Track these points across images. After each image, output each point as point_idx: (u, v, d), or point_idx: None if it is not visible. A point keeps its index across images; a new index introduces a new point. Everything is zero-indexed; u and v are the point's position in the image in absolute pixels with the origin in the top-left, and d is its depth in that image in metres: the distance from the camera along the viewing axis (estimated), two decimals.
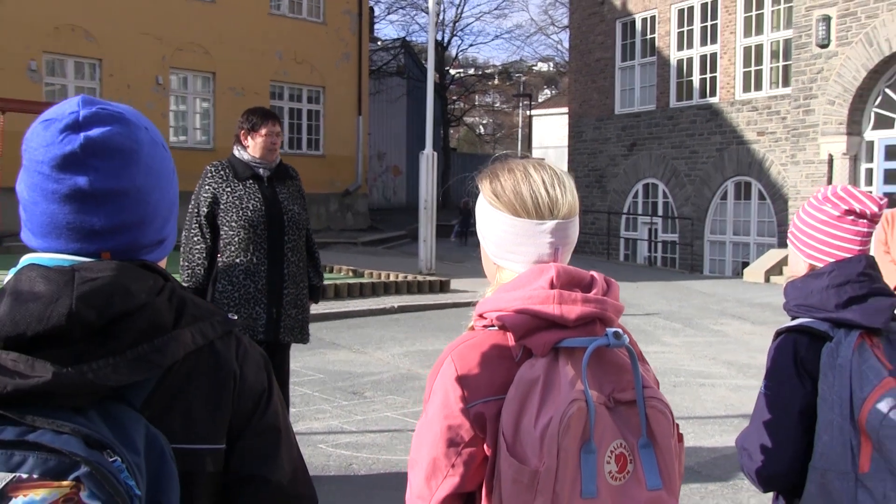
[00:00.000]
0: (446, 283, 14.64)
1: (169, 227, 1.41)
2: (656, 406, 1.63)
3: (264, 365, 1.45)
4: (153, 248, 1.38)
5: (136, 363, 1.22)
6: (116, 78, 21.25)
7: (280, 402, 1.46)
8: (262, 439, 1.39)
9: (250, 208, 4.98)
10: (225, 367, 1.36)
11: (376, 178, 34.93)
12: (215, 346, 1.36)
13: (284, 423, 1.45)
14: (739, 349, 10.49)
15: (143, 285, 1.27)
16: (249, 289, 4.96)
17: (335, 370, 8.67)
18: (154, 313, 1.26)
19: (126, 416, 1.22)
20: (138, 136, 1.32)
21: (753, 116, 21.40)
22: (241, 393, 1.38)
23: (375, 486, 5.39)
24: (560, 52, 50.02)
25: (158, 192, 1.35)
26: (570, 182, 1.81)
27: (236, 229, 4.97)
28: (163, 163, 1.38)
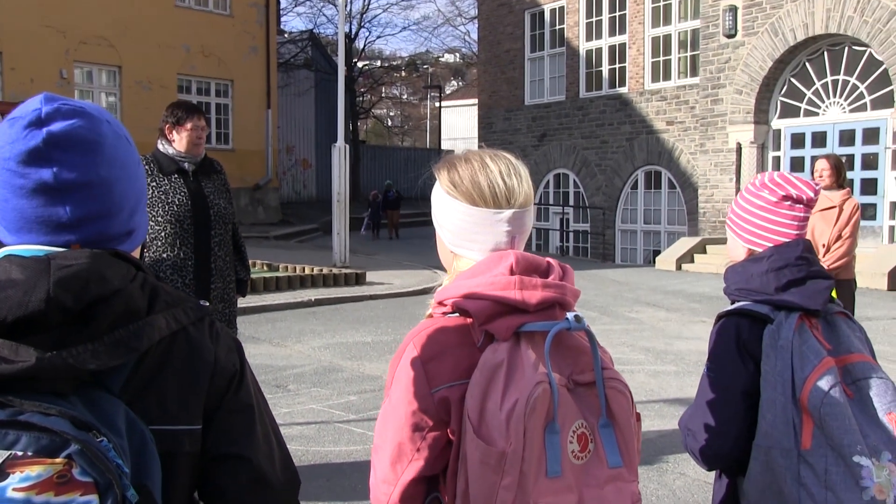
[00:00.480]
0: (362, 275, 14.63)
1: (137, 219, 1.44)
2: (615, 387, 1.68)
3: (236, 347, 1.49)
4: (123, 239, 1.41)
5: (114, 348, 1.26)
6: (18, 72, 20.74)
7: (253, 383, 1.50)
8: (237, 418, 1.43)
9: (176, 203, 4.93)
10: (199, 351, 1.40)
11: (286, 171, 34.60)
12: (188, 331, 1.40)
13: (259, 402, 1.49)
14: (655, 336, 10.73)
15: (116, 272, 1.30)
16: (177, 284, 4.92)
17: (257, 364, 8.59)
18: (129, 299, 1.30)
19: (106, 401, 1.26)
20: (100, 129, 1.35)
21: (663, 106, 21.85)
22: (215, 373, 1.41)
23: (307, 477, 5.32)
24: (468, 43, 50.34)
25: (123, 183, 1.38)
26: (526, 172, 1.85)
27: (163, 224, 4.91)
28: (127, 155, 1.40)
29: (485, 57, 27.64)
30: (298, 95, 35.33)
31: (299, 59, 36.26)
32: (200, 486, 1.43)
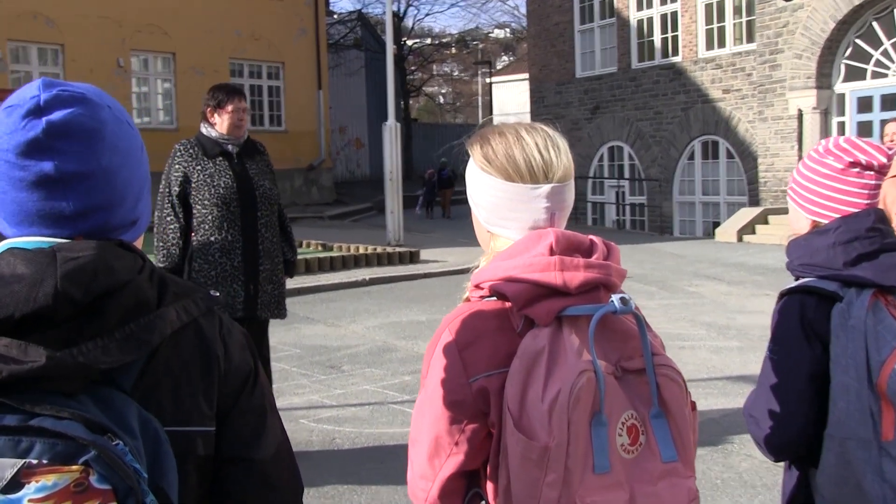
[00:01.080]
0: (416, 253, 14.58)
1: (141, 207, 1.37)
2: (667, 374, 1.57)
3: (247, 343, 1.42)
4: (127, 229, 1.34)
5: (126, 343, 1.19)
6: (79, 63, 21.10)
7: (265, 381, 1.43)
8: (249, 420, 1.37)
9: (222, 185, 4.95)
10: (211, 346, 1.33)
11: (339, 151, 34.70)
12: (199, 323, 1.33)
13: (270, 403, 1.43)
14: (717, 310, 10.51)
15: (124, 263, 1.24)
16: (226, 266, 4.95)
17: (311, 345, 8.61)
18: (139, 291, 1.24)
19: (118, 400, 1.20)
20: (101, 116, 1.29)
21: (718, 74, 21.39)
22: (228, 373, 1.35)
23: (361, 459, 5.34)
24: (517, 17, 49.92)
25: (127, 171, 1.32)
26: (565, 144, 1.74)
27: (209, 207, 4.94)
28: (130, 141, 1.34)
29: (534, 31, 27.33)
30: (349, 76, 35.38)
31: (349, 40, 36.28)
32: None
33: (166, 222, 5.01)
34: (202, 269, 4.94)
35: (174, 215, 5.00)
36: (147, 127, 22.36)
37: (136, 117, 22.71)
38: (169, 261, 5.00)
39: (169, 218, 5.00)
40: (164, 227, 5.02)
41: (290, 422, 6.06)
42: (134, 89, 22.71)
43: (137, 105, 22.88)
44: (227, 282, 4.94)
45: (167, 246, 5.01)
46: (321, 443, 5.69)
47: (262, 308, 5.06)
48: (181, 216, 5.00)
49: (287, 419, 6.07)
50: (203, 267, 4.94)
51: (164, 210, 5.03)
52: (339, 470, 5.19)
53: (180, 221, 5.00)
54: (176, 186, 4.99)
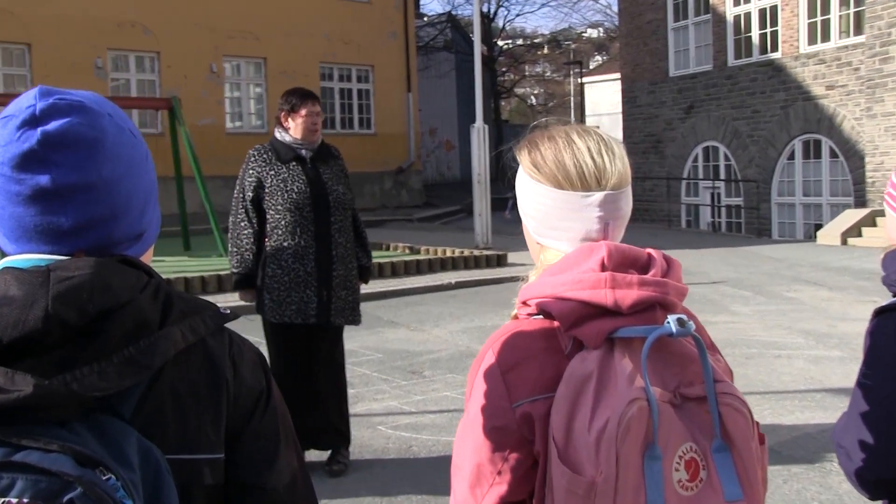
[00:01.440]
0: (503, 256, 14.43)
1: (147, 219, 1.31)
2: (731, 403, 1.40)
3: (261, 363, 1.35)
4: (131, 243, 1.28)
5: (124, 367, 1.12)
6: (173, 69, 21.70)
7: (280, 403, 1.35)
8: (261, 445, 1.29)
9: (295, 190, 4.95)
10: (219, 367, 1.27)
11: (429, 153, 34.78)
12: (207, 343, 1.26)
13: (285, 427, 1.35)
14: (817, 317, 10.08)
15: (124, 281, 1.17)
16: (299, 272, 4.94)
17: (393, 349, 8.54)
18: (139, 311, 1.16)
19: (116, 429, 1.12)
20: (101, 124, 1.22)
21: (821, 70, 20.65)
22: (238, 395, 1.28)
23: (436, 468, 5.22)
24: (609, 16, 49.37)
25: (129, 182, 1.25)
26: (620, 149, 1.60)
27: (282, 212, 4.95)
28: (132, 150, 1.27)
29: (626, 29, 26.90)
30: (439, 78, 35.44)
31: (439, 42, 36.34)
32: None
33: (240, 228, 5.05)
34: (275, 274, 4.94)
35: (248, 220, 5.03)
36: (239, 131, 22.88)
37: (229, 122, 23.16)
38: (243, 266, 5.05)
39: (243, 223, 5.04)
40: (238, 232, 5.05)
41: (367, 428, 6.00)
42: (226, 94, 23.15)
43: (230, 110, 23.33)
44: (300, 288, 4.92)
45: (241, 251, 5.04)
46: (397, 450, 5.59)
47: (336, 314, 5.02)
48: (255, 221, 5.03)
49: (364, 426, 6.01)
50: (276, 272, 4.94)
51: (238, 215, 5.07)
52: (414, 479, 5.08)
53: (254, 227, 5.03)
54: (250, 192, 5.02)
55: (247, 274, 5.05)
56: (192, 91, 21.54)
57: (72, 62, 19.86)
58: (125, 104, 16.53)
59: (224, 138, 22.07)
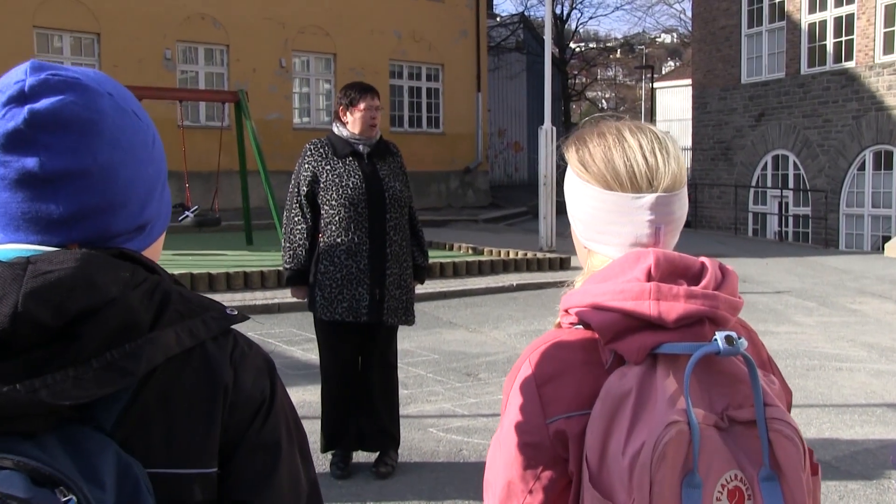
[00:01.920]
0: (566, 260, 14.29)
1: (151, 210, 1.19)
2: (781, 430, 1.29)
3: (267, 370, 1.22)
4: (131, 236, 1.16)
5: (104, 373, 1.01)
6: (242, 63, 21.76)
7: (286, 414, 1.22)
8: (258, 458, 1.16)
9: (350, 186, 4.87)
10: (217, 373, 1.14)
11: (497, 154, 34.61)
12: (206, 347, 1.14)
13: (289, 439, 1.21)
14: (881, 331, 9.81)
15: (112, 277, 1.05)
16: (352, 269, 4.86)
17: (450, 350, 8.49)
18: (126, 311, 1.05)
19: (91, 442, 1.01)
20: (98, 105, 1.11)
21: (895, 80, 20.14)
22: (236, 403, 1.15)
23: (482, 473, 5.16)
24: (683, 21, 48.75)
25: (130, 169, 1.14)
26: (675, 148, 1.51)
27: (336, 208, 4.88)
28: (135, 134, 1.16)
29: (699, 34, 26.51)
30: (510, 78, 35.25)
31: (510, 42, 36.12)
32: None
33: (294, 223, 5.00)
34: (328, 271, 4.88)
35: (301, 216, 4.97)
36: (307, 127, 22.90)
37: (297, 117, 23.19)
38: (295, 262, 4.99)
39: (297, 218, 4.99)
40: (292, 227, 5.00)
41: (418, 430, 5.96)
42: (295, 90, 23.20)
43: (298, 105, 23.39)
44: (352, 285, 4.86)
45: (293, 247, 4.99)
46: (447, 454, 5.54)
47: (389, 313, 4.94)
48: (309, 217, 4.97)
49: (416, 427, 5.98)
50: (329, 269, 4.88)
51: (293, 210, 5.01)
52: (462, 483, 5.02)
53: (307, 222, 4.97)
54: (304, 186, 4.96)
55: (298, 270, 4.99)
56: (261, 85, 21.67)
57: (141, 53, 20.04)
58: (192, 96, 16.76)
59: (290, 133, 22.14)
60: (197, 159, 17.61)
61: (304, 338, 8.56)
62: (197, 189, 16.70)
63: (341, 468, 5.03)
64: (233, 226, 16.51)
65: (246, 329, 8.99)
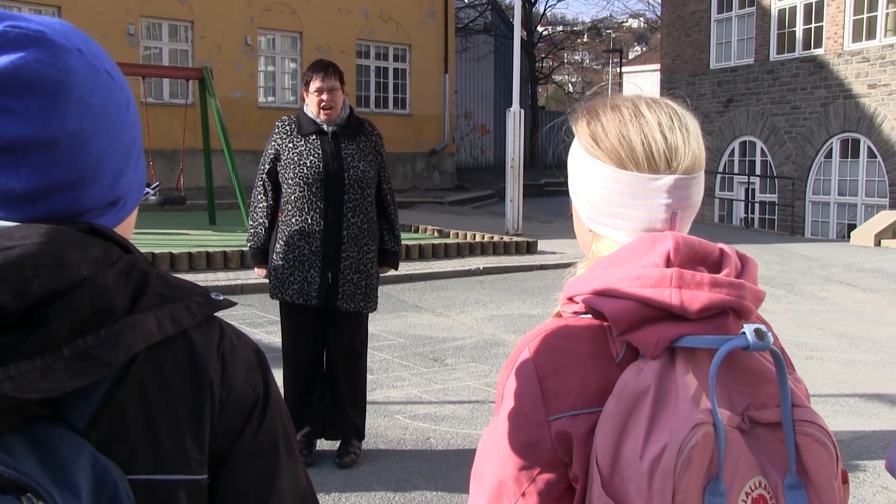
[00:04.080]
0: (533, 243, 14.18)
1: (125, 183, 1.04)
2: (811, 433, 1.16)
3: (258, 363, 1.08)
4: (103, 211, 1.02)
5: (76, 363, 0.87)
6: (207, 40, 21.38)
7: (281, 412, 1.08)
8: (255, 464, 1.03)
9: (307, 164, 4.73)
10: (203, 366, 1.00)
11: (463, 136, 34.49)
12: (190, 336, 1.01)
13: (286, 441, 1.08)
14: (850, 319, 9.80)
15: (83, 255, 0.91)
16: (304, 250, 4.74)
17: (416, 334, 8.33)
18: (100, 293, 0.91)
19: (62, 443, 0.87)
20: (67, 63, 0.95)
21: (864, 68, 20.18)
22: (227, 401, 1.02)
23: (454, 463, 5.02)
24: (652, 6, 48.92)
25: (103, 138, 0.99)
26: (696, 126, 1.36)
27: (293, 187, 4.77)
28: (108, 97, 1.00)
29: (668, 19, 26.48)
30: (477, 60, 35.13)
31: (478, 24, 35.99)
32: None
33: (257, 201, 4.92)
34: (282, 251, 4.77)
35: (264, 194, 4.88)
36: (272, 106, 22.62)
37: (262, 96, 22.88)
38: (255, 240, 4.92)
39: (259, 196, 4.90)
40: (255, 206, 4.92)
41: (384, 417, 5.80)
42: (260, 68, 22.86)
43: (264, 84, 23.05)
44: (303, 267, 4.73)
45: (255, 225, 4.91)
46: (414, 441, 5.39)
47: (345, 298, 4.77)
48: (270, 196, 4.87)
49: (382, 414, 5.82)
50: (283, 250, 4.77)
51: (257, 188, 4.92)
52: (429, 473, 4.87)
53: (269, 201, 4.87)
54: (268, 164, 4.85)
55: (259, 248, 4.90)
56: (226, 63, 21.33)
57: (103, 27, 19.55)
58: (156, 73, 16.40)
59: (256, 112, 21.85)
60: (161, 137, 17.27)
61: (268, 320, 8.36)
62: (161, 167, 16.41)
63: (305, 454, 4.87)
64: (196, 205, 16.23)
65: None
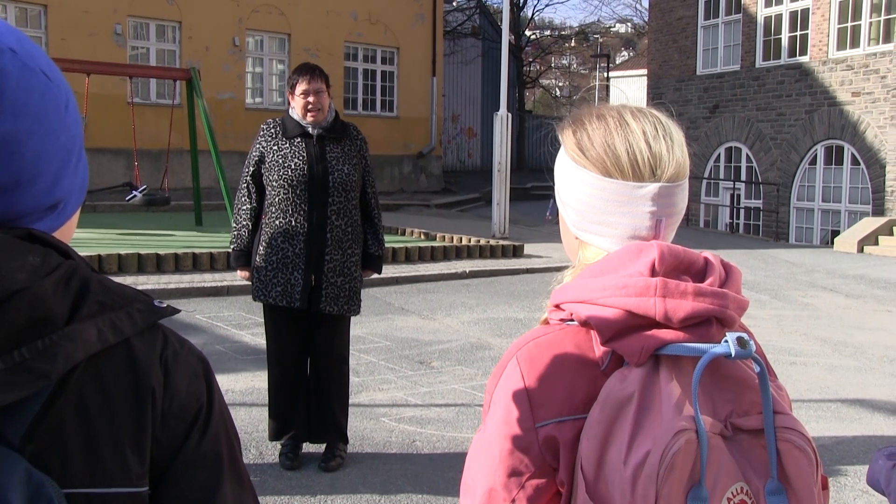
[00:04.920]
0: (520, 247, 14.23)
1: (64, 186, 1.02)
2: (792, 440, 1.20)
3: (202, 371, 1.06)
4: (40, 216, 0.99)
5: (12, 376, 0.85)
6: (194, 40, 21.34)
7: (225, 422, 1.07)
8: (198, 474, 1.01)
9: (291, 167, 4.76)
10: (144, 375, 0.98)
11: (451, 140, 34.53)
12: (132, 344, 0.98)
13: (230, 452, 1.06)
14: (833, 325, 9.86)
15: (20, 263, 0.89)
16: (287, 253, 4.76)
17: (402, 337, 8.34)
18: (37, 302, 0.89)
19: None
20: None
21: (848, 76, 20.31)
22: (168, 411, 1.00)
23: (440, 467, 5.03)
24: (639, 11, 49.04)
25: (39, 140, 0.96)
26: (680, 135, 1.39)
27: (277, 189, 4.79)
28: (43, 98, 0.97)
29: (656, 25, 26.59)
30: (465, 64, 35.18)
31: (466, 28, 36.05)
32: None
33: (240, 203, 4.95)
34: (265, 253, 4.79)
35: (248, 196, 4.91)
36: (260, 107, 22.60)
37: (250, 97, 22.84)
38: (238, 242, 4.94)
39: (244, 199, 4.93)
40: (239, 207, 4.95)
41: (370, 419, 5.81)
42: (248, 69, 22.83)
43: (251, 85, 23.03)
44: (287, 269, 4.75)
45: (238, 228, 4.93)
46: (399, 444, 5.40)
47: (328, 301, 4.79)
48: (254, 198, 4.90)
49: (368, 417, 5.83)
50: (266, 251, 4.79)
51: (241, 190, 4.95)
52: (415, 476, 4.89)
53: (252, 203, 4.90)
54: (252, 166, 4.88)
55: (241, 250, 4.92)
56: (214, 64, 21.29)
57: (90, 27, 19.53)
58: (143, 73, 16.37)
59: (243, 113, 21.83)
60: (147, 137, 17.24)
61: (254, 322, 8.36)
62: (146, 167, 16.37)
63: (291, 458, 4.87)
64: (182, 206, 16.20)
65: (194, 311, 8.78)
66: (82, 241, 11.56)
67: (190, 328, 8.01)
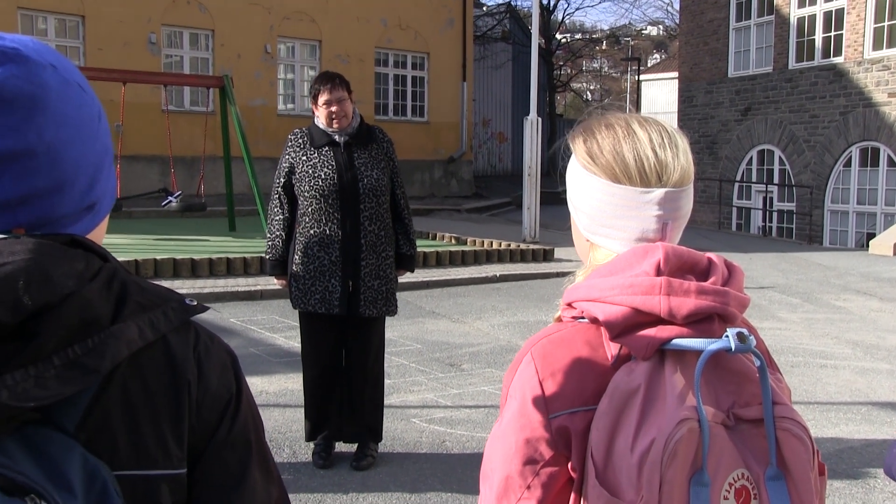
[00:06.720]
0: (550, 251, 14.28)
1: (99, 189, 1.11)
2: (789, 428, 1.28)
3: (231, 364, 1.16)
4: (79, 217, 1.09)
5: (67, 372, 0.94)
6: (227, 48, 21.60)
7: (252, 412, 1.17)
8: (229, 459, 1.11)
9: (322, 177, 4.85)
10: (180, 369, 1.08)
11: (481, 144, 34.59)
12: (169, 340, 1.08)
13: (258, 438, 1.16)
14: (866, 328, 9.82)
15: (69, 269, 0.98)
16: (324, 261, 4.85)
17: (433, 340, 8.43)
18: (86, 304, 0.98)
19: (56, 445, 0.95)
20: (42, 78, 1.02)
21: (884, 76, 20.14)
22: (202, 401, 1.10)
23: (469, 466, 5.11)
24: (670, 14, 48.91)
25: (78, 147, 1.06)
26: (684, 142, 1.48)
27: (309, 199, 4.88)
28: (81, 109, 1.07)
29: (687, 27, 26.52)
30: (495, 68, 35.22)
31: (496, 32, 36.08)
32: None
33: (273, 214, 5.05)
34: (302, 262, 4.88)
35: (280, 206, 5.01)
36: (291, 113, 22.81)
37: (281, 104, 23.06)
38: (273, 253, 5.04)
39: (276, 209, 5.03)
40: (272, 218, 5.05)
41: (401, 420, 5.91)
42: (280, 76, 23.05)
43: (283, 92, 23.26)
44: (324, 277, 4.84)
45: (272, 238, 5.03)
46: (430, 444, 5.49)
47: (367, 305, 4.90)
48: (286, 208, 4.99)
49: (399, 417, 5.92)
50: (303, 260, 4.88)
51: (273, 201, 5.05)
52: (445, 475, 4.97)
53: (285, 213, 5.00)
54: (283, 177, 4.97)
55: (277, 260, 5.03)
56: (246, 71, 21.50)
57: (125, 36, 19.84)
58: (177, 81, 16.59)
59: (275, 120, 22.04)
60: (181, 144, 17.46)
61: (287, 325, 8.49)
62: (180, 174, 16.58)
63: (324, 457, 4.97)
64: (216, 211, 16.40)
65: (229, 315, 8.92)
66: (120, 245, 11.76)
67: (224, 331, 8.14)
